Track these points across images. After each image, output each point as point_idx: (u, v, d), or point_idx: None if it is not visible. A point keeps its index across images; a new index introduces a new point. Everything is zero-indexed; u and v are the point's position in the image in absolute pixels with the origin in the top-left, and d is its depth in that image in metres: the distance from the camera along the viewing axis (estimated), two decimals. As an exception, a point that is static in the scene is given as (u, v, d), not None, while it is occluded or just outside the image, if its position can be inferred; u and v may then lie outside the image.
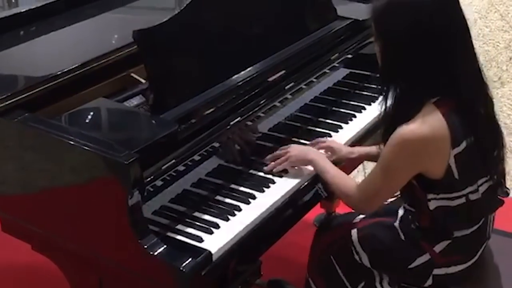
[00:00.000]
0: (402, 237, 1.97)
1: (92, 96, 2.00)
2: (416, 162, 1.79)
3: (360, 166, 3.40)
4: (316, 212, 3.03)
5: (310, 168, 2.09)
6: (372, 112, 2.43)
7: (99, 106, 1.95)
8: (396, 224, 1.99)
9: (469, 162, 1.80)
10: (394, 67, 1.80)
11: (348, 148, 2.23)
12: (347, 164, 2.28)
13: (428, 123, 1.74)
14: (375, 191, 1.87)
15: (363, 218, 2.08)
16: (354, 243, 2.02)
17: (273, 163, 2.08)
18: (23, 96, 1.92)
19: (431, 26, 1.72)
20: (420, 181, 1.83)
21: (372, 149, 2.18)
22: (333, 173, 2.02)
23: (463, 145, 1.78)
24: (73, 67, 2.03)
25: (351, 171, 2.60)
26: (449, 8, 1.76)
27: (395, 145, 1.77)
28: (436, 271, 1.93)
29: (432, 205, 1.86)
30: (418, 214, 1.92)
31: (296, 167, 2.08)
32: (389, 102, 1.83)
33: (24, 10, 2.37)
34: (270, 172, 2.07)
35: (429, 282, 1.95)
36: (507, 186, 1.99)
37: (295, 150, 2.10)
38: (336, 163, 2.13)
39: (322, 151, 2.17)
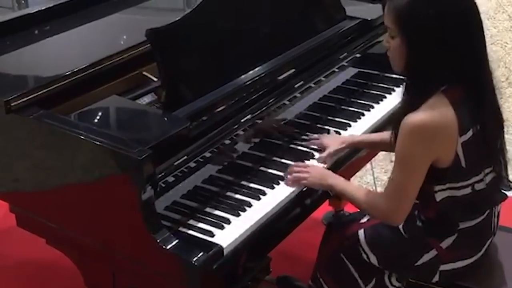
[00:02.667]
0: (406, 236, 1.99)
1: (105, 94, 2.03)
2: (429, 148, 1.80)
3: (368, 165, 3.43)
4: (325, 210, 3.05)
5: (320, 165, 2.13)
6: (380, 110, 2.46)
7: (112, 103, 1.99)
8: (400, 226, 2.00)
9: (475, 151, 1.84)
10: (417, 61, 1.82)
11: (341, 139, 2.25)
12: (356, 161, 2.31)
13: (438, 111, 1.77)
14: (399, 189, 1.85)
15: (370, 218, 2.10)
16: (361, 243, 2.05)
17: (291, 176, 2.06)
18: (38, 93, 1.95)
19: (451, 19, 1.76)
20: (428, 173, 1.85)
21: (372, 135, 2.21)
22: (355, 192, 2.00)
23: (470, 133, 1.82)
24: (86, 65, 2.06)
25: (360, 168, 2.62)
26: (466, 1, 1.81)
27: (408, 134, 1.79)
28: (443, 267, 1.96)
29: (439, 196, 1.89)
30: (424, 207, 1.95)
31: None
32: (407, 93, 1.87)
33: (35, 10, 2.41)
34: (281, 170, 2.09)
35: (436, 278, 1.97)
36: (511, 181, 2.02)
37: (314, 172, 2.07)
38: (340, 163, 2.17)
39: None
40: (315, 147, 2.23)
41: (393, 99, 2.51)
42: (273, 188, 2.02)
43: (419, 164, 1.83)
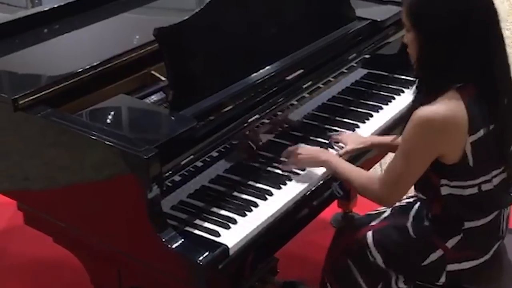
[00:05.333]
0: (413, 236, 1.98)
1: (113, 93, 2.03)
2: (436, 144, 1.80)
3: (377, 165, 3.41)
4: (333, 211, 3.05)
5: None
6: (389, 112, 2.45)
7: (120, 102, 1.99)
8: (409, 224, 2.01)
9: (484, 151, 1.83)
10: (429, 56, 1.82)
11: (361, 139, 2.24)
12: (365, 162, 2.30)
13: (449, 107, 1.77)
14: (396, 177, 1.86)
15: (378, 221, 2.10)
16: (369, 245, 2.04)
17: (281, 165, 2.09)
18: (46, 92, 1.96)
19: (468, 15, 1.75)
20: (434, 166, 1.85)
21: (389, 138, 2.21)
22: (350, 170, 2.02)
23: (480, 133, 1.81)
24: (95, 64, 2.07)
25: (369, 169, 2.61)
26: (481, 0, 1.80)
27: (416, 126, 1.79)
28: (449, 267, 1.95)
29: (444, 191, 1.88)
30: (430, 202, 1.94)
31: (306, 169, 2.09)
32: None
33: (47, 9, 2.42)
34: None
35: (443, 279, 1.96)
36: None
37: (304, 151, 2.11)
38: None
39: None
40: (335, 144, 2.24)
41: (402, 101, 2.50)
42: (280, 188, 2.02)
43: (421, 157, 1.83)
